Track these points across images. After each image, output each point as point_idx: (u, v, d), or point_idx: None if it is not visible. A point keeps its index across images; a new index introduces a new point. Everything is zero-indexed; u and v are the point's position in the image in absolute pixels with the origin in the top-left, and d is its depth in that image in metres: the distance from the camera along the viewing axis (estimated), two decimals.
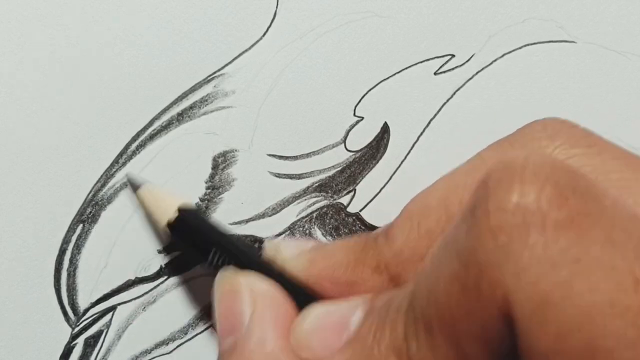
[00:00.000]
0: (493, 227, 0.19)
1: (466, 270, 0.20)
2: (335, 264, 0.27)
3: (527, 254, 0.19)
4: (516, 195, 0.19)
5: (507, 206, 0.19)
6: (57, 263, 0.32)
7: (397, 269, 0.26)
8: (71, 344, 0.33)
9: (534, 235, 0.19)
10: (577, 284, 0.19)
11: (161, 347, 0.34)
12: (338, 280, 0.27)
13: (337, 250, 0.27)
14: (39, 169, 0.32)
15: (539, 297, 0.19)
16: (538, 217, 0.19)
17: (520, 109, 0.37)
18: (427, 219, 0.25)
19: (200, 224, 0.32)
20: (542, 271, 0.19)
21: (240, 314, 0.27)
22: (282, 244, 0.29)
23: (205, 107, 0.34)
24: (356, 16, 0.35)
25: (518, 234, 0.19)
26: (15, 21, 0.31)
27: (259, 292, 0.27)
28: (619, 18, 0.38)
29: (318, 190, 0.35)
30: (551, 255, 0.19)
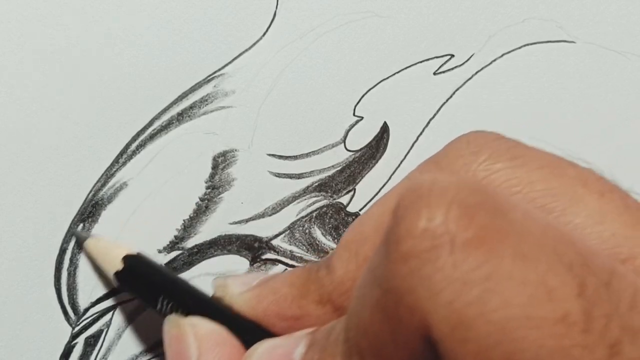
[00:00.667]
0: (404, 253, 0.20)
1: (386, 297, 0.20)
2: (280, 298, 0.27)
3: (439, 276, 0.19)
4: (423, 220, 0.19)
5: (415, 231, 0.19)
6: (57, 262, 0.32)
7: (340, 300, 0.26)
8: (71, 343, 0.33)
9: (443, 257, 0.19)
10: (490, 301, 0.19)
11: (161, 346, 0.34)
12: (284, 314, 0.27)
13: (281, 284, 0.27)
14: (39, 169, 0.32)
15: (455, 317, 0.19)
16: (446, 238, 0.19)
17: (520, 109, 0.37)
18: (364, 247, 0.25)
19: (146, 271, 0.32)
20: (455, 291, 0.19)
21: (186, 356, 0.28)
22: (229, 281, 0.29)
23: (205, 107, 0.34)
24: (356, 16, 0.35)
25: (428, 258, 0.19)
26: (15, 21, 0.31)
27: (203, 334, 0.28)
28: (619, 18, 0.38)
29: (318, 190, 0.35)
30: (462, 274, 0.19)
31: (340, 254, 0.26)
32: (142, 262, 0.32)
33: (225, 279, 0.29)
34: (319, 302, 0.26)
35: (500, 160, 0.24)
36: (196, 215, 0.34)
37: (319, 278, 0.26)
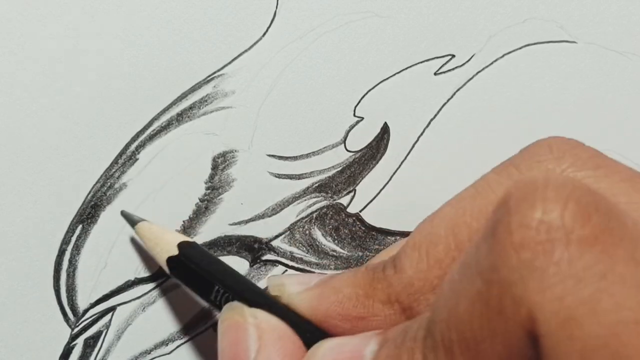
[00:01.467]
0: (516, 243, 0.19)
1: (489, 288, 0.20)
2: (343, 298, 0.27)
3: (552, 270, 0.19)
4: (539, 212, 0.19)
5: (531, 222, 0.19)
6: (56, 263, 0.32)
7: (408, 301, 0.25)
8: (71, 344, 0.33)
9: (559, 252, 0.19)
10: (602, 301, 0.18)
11: (161, 347, 0.34)
12: (347, 315, 0.26)
13: (344, 284, 0.27)
14: (39, 169, 0.32)
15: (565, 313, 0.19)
16: (562, 233, 0.19)
17: (521, 109, 0.37)
18: (436, 248, 0.25)
19: (201, 260, 0.31)
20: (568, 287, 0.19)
21: (245, 349, 0.27)
22: (286, 280, 0.29)
23: (205, 107, 0.34)
24: (356, 16, 0.35)
25: (542, 250, 0.19)
26: (15, 21, 0.31)
27: (265, 327, 0.27)
28: (620, 18, 0.38)
29: (318, 191, 0.35)
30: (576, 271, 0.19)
31: (409, 254, 0.26)
32: (197, 250, 0.31)
33: (281, 277, 0.29)
34: (387, 302, 0.26)
35: (584, 168, 0.24)
36: (196, 216, 0.34)
37: (387, 277, 0.26)
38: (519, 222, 0.20)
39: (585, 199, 0.20)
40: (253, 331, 0.27)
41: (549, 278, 0.19)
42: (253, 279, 0.35)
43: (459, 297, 0.21)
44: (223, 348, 0.28)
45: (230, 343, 0.27)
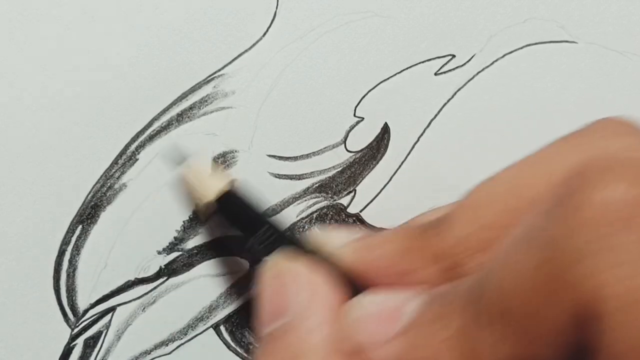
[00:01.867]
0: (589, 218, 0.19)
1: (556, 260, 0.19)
2: (388, 251, 0.26)
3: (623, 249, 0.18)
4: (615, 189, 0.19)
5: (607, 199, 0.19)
6: (56, 264, 0.32)
7: (456, 260, 0.25)
8: (71, 344, 0.33)
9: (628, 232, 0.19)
10: None
11: (161, 348, 0.34)
12: (391, 269, 0.26)
13: (390, 237, 0.26)
14: (39, 169, 0.32)
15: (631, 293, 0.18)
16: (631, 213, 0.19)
17: (521, 109, 0.37)
18: (491, 210, 0.24)
19: (250, 202, 0.31)
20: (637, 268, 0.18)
21: (288, 299, 0.26)
22: (331, 232, 0.28)
23: (205, 107, 0.34)
24: (356, 16, 0.35)
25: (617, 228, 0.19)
26: (15, 21, 0.31)
27: (309, 278, 0.27)
28: (620, 18, 0.38)
29: (318, 191, 0.35)
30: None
31: (462, 213, 0.25)
32: (244, 194, 0.31)
33: (326, 230, 0.29)
34: (433, 259, 0.25)
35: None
36: (196, 216, 0.34)
37: (438, 232, 0.25)
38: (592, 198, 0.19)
39: None
40: (305, 280, 0.27)
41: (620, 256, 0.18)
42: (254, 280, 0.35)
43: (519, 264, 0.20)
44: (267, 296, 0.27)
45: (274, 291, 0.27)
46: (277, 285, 0.27)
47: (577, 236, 0.19)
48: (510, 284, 0.20)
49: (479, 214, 0.25)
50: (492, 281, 0.21)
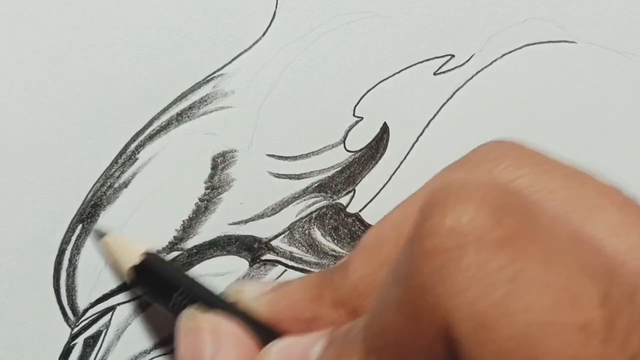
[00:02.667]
0: (429, 250, 0.20)
1: (408, 294, 0.20)
2: (295, 301, 0.27)
3: (463, 276, 0.19)
4: (450, 218, 0.20)
5: (442, 229, 0.20)
6: (56, 263, 0.32)
7: (356, 303, 0.26)
8: (70, 344, 0.33)
9: (469, 257, 0.19)
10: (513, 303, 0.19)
11: (160, 347, 0.34)
12: (299, 317, 0.27)
13: (297, 288, 0.28)
14: (39, 169, 0.32)
15: (477, 317, 0.19)
16: (472, 238, 0.19)
17: (521, 109, 0.37)
18: (381, 250, 0.25)
19: (163, 268, 0.32)
20: (478, 292, 0.19)
21: (201, 353, 0.28)
22: (244, 285, 0.30)
23: (205, 107, 0.34)
24: (356, 16, 0.35)
25: (453, 256, 0.19)
26: (15, 21, 0.31)
27: (221, 330, 0.28)
28: (620, 18, 0.38)
29: (317, 191, 0.35)
30: (486, 275, 0.19)
31: (356, 257, 0.26)
32: (157, 259, 0.32)
33: (239, 284, 0.30)
34: (334, 305, 0.26)
35: (523, 166, 0.24)
36: (195, 215, 0.34)
37: (334, 281, 0.27)
38: (432, 228, 0.20)
39: (499, 201, 0.20)
40: (208, 335, 0.28)
41: (460, 283, 0.19)
42: (252, 279, 0.35)
43: (385, 302, 0.21)
44: (181, 352, 0.28)
45: (186, 348, 0.28)
46: (190, 340, 0.28)
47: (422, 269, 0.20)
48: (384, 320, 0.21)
49: (370, 257, 0.26)
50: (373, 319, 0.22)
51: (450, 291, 0.19)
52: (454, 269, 0.19)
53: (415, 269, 0.20)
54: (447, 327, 0.19)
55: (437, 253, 0.19)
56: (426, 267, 0.19)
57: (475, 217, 0.19)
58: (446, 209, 0.20)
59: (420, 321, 0.20)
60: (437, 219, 0.20)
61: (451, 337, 0.19)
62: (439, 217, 0.20)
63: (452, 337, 0.19)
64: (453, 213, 0.20)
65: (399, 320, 0.20)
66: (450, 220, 0.19)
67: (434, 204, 0.20)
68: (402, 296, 0.20)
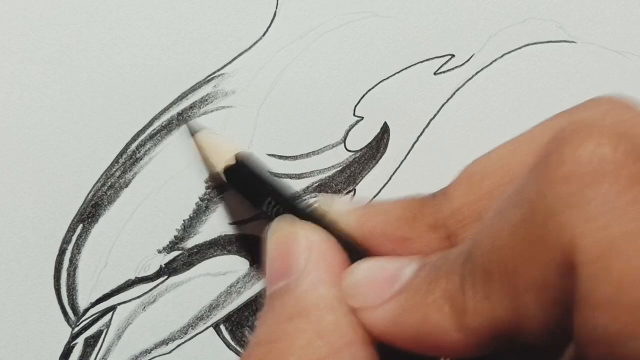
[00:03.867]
0: (567, 173, 0.20)
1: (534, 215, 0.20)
2: (390, 219, 0.27)
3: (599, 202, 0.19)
4: (592, 145, 0.20)
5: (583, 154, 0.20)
6: (57, 263, 0.32)
7: (454, 228, 0.25)
8: (71, 343, 0.33)
9: (607, 185, 0.19)
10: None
11: (161, 347, 0.34)
12: (392, 235, 0.26)
13: (392, 206, 0.27)
14: (39, 169, 0.32)
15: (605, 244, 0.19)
16: (613, 167, 0.19)
17: (520, 109, 0.37)
18: (488, 180, 0.25)
19: (256, 172, 0.32)
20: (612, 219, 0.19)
21: (295, 258, 0.27)
22: (337, 199, 0.29)
23: (205, 107, 0.34)
24: (356, 16, 0.35)
25: (592, 182, 0.19)
26: (15, 21, 0.31)
27: (314, 240, 0.27)
28: (619, 18, 0.38)
29: (318, 190, 0.35)
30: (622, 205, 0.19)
31: (460, 183, 0.26)
32: (253, 162, 0.32)
33: (332, 196, 0.29)
34: (433, 226, 0.26)
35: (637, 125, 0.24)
36: (196, 215, 0.34)
37: (436, 203, 0.26)
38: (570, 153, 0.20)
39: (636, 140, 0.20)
40: (303, 242, 0.27)
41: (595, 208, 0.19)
42: (253, 279, 0.35)
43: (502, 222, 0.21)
44: (273, 256, 0.28)
45: (280, 252, 0.27)
46: (283, 246, 0.28)
47: (553, 192, 0.20)
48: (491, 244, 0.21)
49: (474, 186, 0.25)
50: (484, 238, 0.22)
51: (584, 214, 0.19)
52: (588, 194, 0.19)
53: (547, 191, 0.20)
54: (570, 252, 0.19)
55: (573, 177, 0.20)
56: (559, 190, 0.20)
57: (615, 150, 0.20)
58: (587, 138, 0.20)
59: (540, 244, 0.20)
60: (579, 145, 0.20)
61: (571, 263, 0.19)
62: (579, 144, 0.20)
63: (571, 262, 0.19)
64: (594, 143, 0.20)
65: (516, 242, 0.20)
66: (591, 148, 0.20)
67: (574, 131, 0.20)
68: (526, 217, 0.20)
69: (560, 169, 0.20)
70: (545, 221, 0.20)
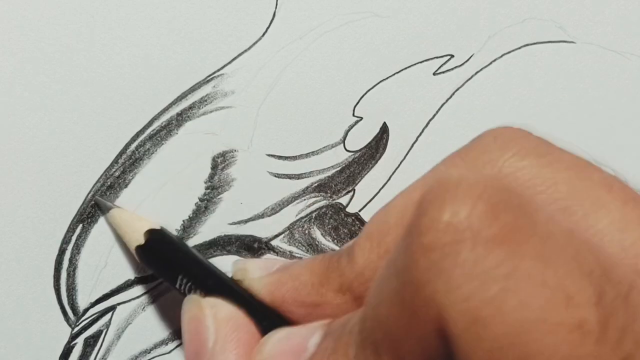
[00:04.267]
0: (426, 245, 0.19)
1: (403, 288, 0.20)
2: (299, 285, 0.27)
3: (458, 272, 0.19)
4: (448, 214, 0.19)
5: (439, 225, 0.19)
6: (56, 263, 0.32)
7: (360, 289, 0.26)
8: (71, 343, 0.33)
9: (465, 253, 0.19)
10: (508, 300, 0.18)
11: (160, 347, 0.34)
12: (303, 302, 0.27)
13: (301, 271, 0.27)
14: (39, 169, 0.32)
15: (471, 314, 0.19)
16: (468, 234, 0.19)
17: (520, 109, 0.37)
18: (387, 237, 0.25)
19: (167, 248, 0.32)
20: (473, 288, 0.19)
21: (204, 340, 0.28)
22: (249, 264, 0.29)
23: (205, 107, 0.34)
24: (356, 16, 0.35)
25: (449, 252, 0.19)
26: (15, 21, 0.31)
27: (222, 317, 0.28)
28: (619, 18, 0.38)
29: (317, 191, 0.35)
30: (481, 271, 0.19)
31: (362, 243, 0.26)
32: (164, 238, 0.32)
33: (245, 262, 0.30)
34: (339, 290, 0.26)
35: (527, 157, 0.24)
36: (195, 215, 0.34)
37: (340, 266, 0.26)
38: (428, 224, 0.20)
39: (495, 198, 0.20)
40: (210, 322, 0.28)
41: (455, 279, 0.19)
42: None
43: (380, 295, 0.21)
44: (185, 338, 0.28)
45: (190, 335, 0.28)
46: (192, 327, 0.28)
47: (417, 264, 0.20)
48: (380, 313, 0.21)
49: (374, 245, 0.26)
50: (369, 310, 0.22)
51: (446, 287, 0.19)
52: (449, 264, 0.19)
53: (411, 263, 0.20)
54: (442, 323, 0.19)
55: (433, 248, 0.19)
56: (422, 262, 0.19)
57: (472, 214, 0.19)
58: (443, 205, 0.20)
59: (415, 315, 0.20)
60: (434, 214, 0.20)
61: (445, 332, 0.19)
62: (436, 212, 0.20)
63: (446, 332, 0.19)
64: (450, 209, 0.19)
65: (394, 313, 0.20)
66: (447, 215, 0.19)
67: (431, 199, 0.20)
68: (398, 290, 0.20)
69: (420, 240, 0.20)
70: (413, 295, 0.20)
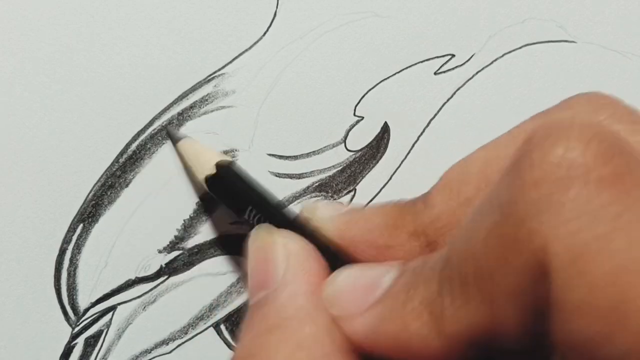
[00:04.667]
0: (537, 178, 0.20)
1: (506, 221, 0.20)
2: (371, 227, 0.27)
3: (569, 206, 0.19)
4: (562, 149, 0.20)
5: (552, 159, 0.20)
6: (57, 263, 0.32)
7: (434, 235, 0.26)
8: (71, 343, 0.33)
9: (577, 188, 0.19)
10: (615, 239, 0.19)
11: (161, 346, 0.34)
12: (374, 243, 0.27)
13: (374, 213, 0.27)
14: (39, 169, 0.32)
15: (577, 248, 0.19)
16: (582, 171, 0.19)
17: (520, 108, 0.37)
18: (466, 187, 0.25)
19: (237, 180, 0.32)
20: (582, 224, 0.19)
21: (273, 269, 0.27)
22: (319, 205, 0.29)
23: (206, 106, 0.34)
24: (356, 16, 0.35)
25: (561, 186, 0.19)
26: (15, 21, 0.31)
27: (293, 248, 0.27)
28: (619, 18, 0.38)
29: (318, 190, 0.35)
30: (592, 208, 0.19)
31: (440, 190, 0.26)
32: (235, 171, 0.32)
33: (315, 202, 0.29)
34: (413, 234, 0.26)
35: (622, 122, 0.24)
36: (196, 215, 0.34)
37: (416, 211, 0.26)
38: (541, 158, 0.20)
39: (609, 141, 0.20)
40: (282, 251, 0.27)
41: (565, 213, 0.19)
42: None
43: (477, 229, 0.21)
44: (252, 267, 0.28)
45: (259, 262, 0.28)
46: (261, 256, 0.28)
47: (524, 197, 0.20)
48: (467, 250, 0.21)
49: (453, 193, 0.26)
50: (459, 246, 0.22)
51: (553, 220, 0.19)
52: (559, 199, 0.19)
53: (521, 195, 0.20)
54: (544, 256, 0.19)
55: (543, 182, 0.20)
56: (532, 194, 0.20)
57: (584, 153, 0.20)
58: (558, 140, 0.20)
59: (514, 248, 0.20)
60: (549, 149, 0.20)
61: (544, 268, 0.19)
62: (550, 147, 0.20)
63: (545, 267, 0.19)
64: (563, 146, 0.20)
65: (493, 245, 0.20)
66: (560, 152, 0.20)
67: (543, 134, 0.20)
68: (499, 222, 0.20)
69: (530, 174, 0.20)
70: (517, 227, 0.20)
